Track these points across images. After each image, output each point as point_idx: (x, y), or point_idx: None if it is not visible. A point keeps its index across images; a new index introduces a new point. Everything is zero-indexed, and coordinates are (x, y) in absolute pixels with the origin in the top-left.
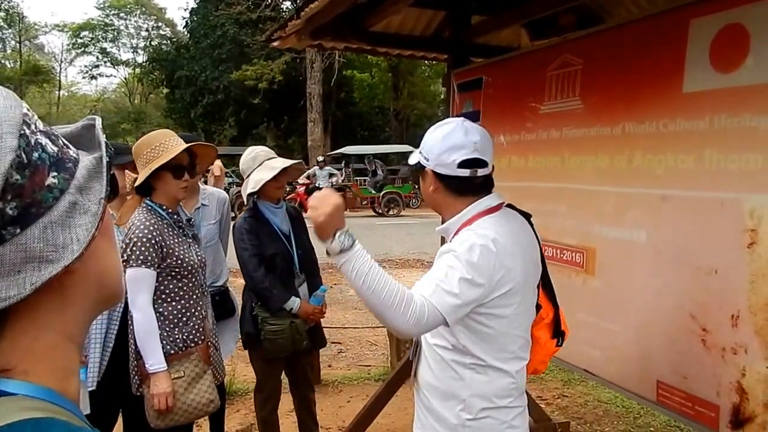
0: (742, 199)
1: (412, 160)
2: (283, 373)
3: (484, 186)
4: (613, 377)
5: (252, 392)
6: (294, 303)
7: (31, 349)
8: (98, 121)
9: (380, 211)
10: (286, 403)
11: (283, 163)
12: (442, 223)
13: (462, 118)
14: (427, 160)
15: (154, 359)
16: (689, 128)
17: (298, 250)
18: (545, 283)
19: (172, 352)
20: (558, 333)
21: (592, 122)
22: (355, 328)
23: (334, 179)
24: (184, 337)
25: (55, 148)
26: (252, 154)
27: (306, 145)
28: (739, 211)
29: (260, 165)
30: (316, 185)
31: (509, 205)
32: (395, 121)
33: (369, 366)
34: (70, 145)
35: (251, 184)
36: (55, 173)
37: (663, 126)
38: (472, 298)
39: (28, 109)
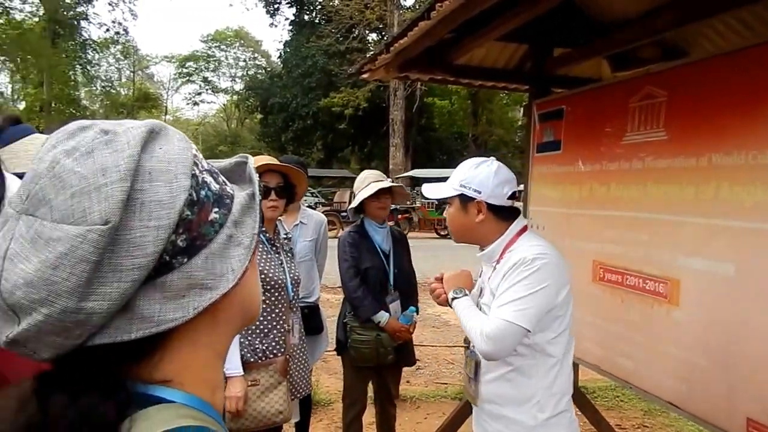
0: None
1: (444, 193)
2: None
3: (517, 211)
4: (699, 411)
5: (334, 403)
6: (382, 317)
7: (187, 363)
8: (251, 160)
9: (443, 234)
10: (368, 415)
11: (382, 184)
12: (481, 249)
13: (492, 157)
14: (479, 193)
15: (231, 364)
16: None
17: (394, 268)
18: None
19: (251, 360)
20: None
21: (677, 153)
22: (432, 346)
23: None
24: (264, 348)
25: (217, 186)
26: (363, 176)
27: (388, 168)
28: None
29: (366, 186)
30: None
31: None
32: (473, 146)
33: (446, 384)
34: (227, 182)
35: (354, 201)
36: (216, 209)
37: (752, 158)
38: (544, 301)
39: (197, 150)
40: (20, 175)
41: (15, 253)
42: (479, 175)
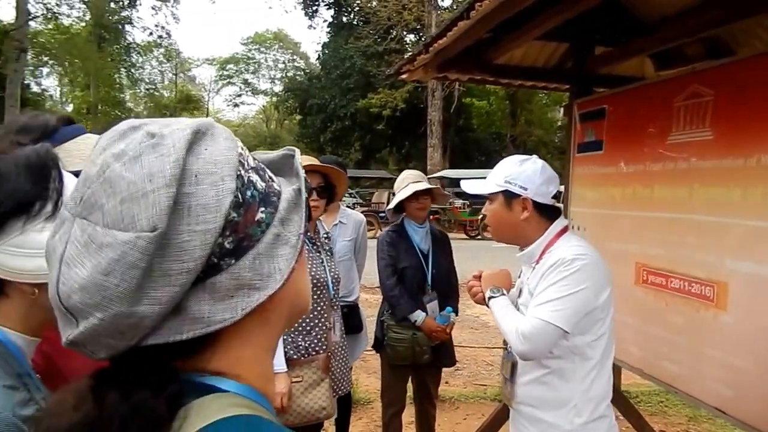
0: None
1: (488, 189)
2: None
3: (559, 211)
4: (747, 418)
5: (374, 402)
6: (418, 316)
7: (239, 359)
8: (297, 153)
9: (472, 234)
10: (407, 415)
11: (417, 186)
12: (521, 249)
13: (535, 155)
14: (525, 190)
15: (276, 360)
16: None
17: (433, 269)
18: None
19: (295, 357)
20: None
21: (724, 153)
22: (471, 347)
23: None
24: (307, 345)
25: (264, 184)
26: (402, 176)
27: (426, 169)
28: None
29: (405, 186)
30: None
31: None
32: (512, 147)
33: (485, 386)
34: (274, 177)
35: (392, 203)
36: (263, 208)
37: None
38: (583, 303)
39: (242, 148)
40: (76, 174)
41: (71, 257)
42: (525, 172)
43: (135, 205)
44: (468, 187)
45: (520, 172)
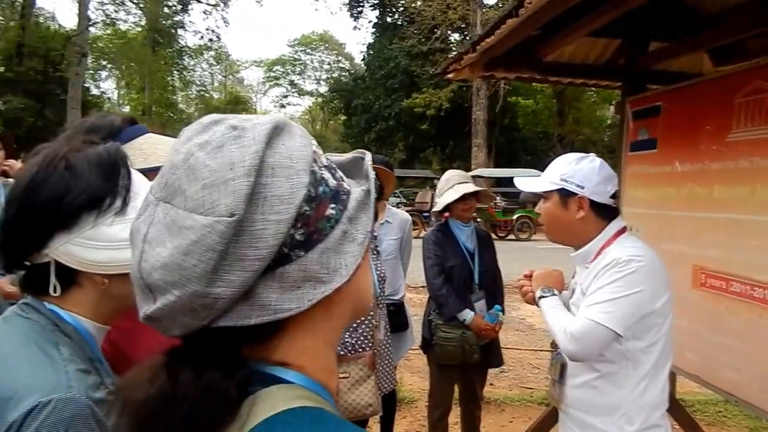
0: None
1: (542, 187)
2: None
3: (617, 211)
4: None
5: (418, 402)
6: (467, 315)
7: (304, 350)
8: (368, 156)
9: (501, 235)
10: (451, 415)
11: (467, 189)
12: (576, 250)
13: (592, 153)
14: (582, 188)
15: None
16: None
17: (480, 267)
18: None
19: (341, 353)
20: None
21: None
22: (517, 349)
23: None
24: (353, 341)
25: (335, 182)
26: (447, 176)
27: (470, 169)
28: None
29: (451, 187)
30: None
31: None
32: (559, 146)
33: (531, 388)
34: (345, 177)
35: (438, 204)
36: (333, 205)
37: None
38: (636, 306)
39: (316, 146)
40: (142, 171)
41: (153, 237)
42: (582, 170)
43: (216, 191)
44: (521, 184)
45: (577, 170)
